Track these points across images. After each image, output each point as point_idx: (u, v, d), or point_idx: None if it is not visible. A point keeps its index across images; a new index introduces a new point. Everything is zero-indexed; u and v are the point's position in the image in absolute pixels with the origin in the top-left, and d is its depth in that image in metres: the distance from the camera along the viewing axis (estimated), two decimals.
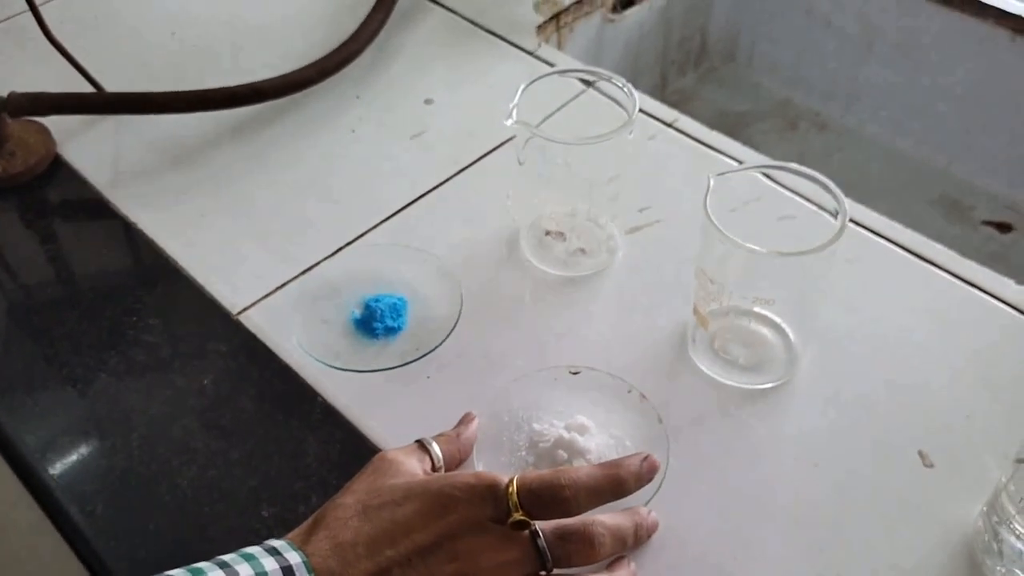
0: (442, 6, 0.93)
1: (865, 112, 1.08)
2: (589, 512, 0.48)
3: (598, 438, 0.55)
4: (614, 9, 1.00)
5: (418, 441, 0.53)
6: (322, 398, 0.59)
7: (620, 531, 0.48)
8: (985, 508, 0.50)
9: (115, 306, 0.67)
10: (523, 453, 0.56)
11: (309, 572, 0.43)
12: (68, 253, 0.72)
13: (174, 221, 0.72)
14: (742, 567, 0.51)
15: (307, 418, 0.58)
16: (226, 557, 0.43)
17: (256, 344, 0.63)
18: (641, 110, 0.78)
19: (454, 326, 0.63)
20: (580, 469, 0.48)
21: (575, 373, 0.59)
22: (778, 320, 0.61)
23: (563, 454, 0.54)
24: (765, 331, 0.61)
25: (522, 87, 0.62)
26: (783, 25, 1.11)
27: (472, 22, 0.91)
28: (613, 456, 0.55)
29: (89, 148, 0.79)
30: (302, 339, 0.62)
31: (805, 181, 0.56)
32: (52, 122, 0.79)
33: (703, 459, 0.56)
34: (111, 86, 0.81)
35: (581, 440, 0.55)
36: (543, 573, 0.46)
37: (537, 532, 0.46)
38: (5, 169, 0.75)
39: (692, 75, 1.18)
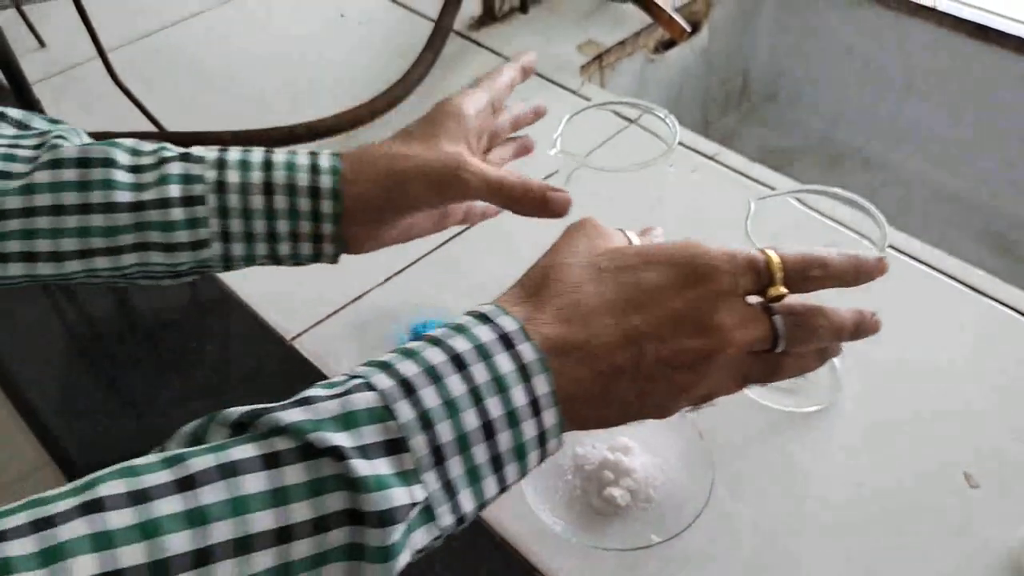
0: (488, 49, 0.96)
1: (908, 148, 1.09)
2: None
3: (642, 458, 0.56)
4: (656, 50, 1.02)
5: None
6: None
7: (839, 329, 0.44)
8: None
9: (175, 333, 0.69)
10: (569, 477, 0.57)
11: (527, 339, 0.38)
12: None
13: None
14: None
15: None
16: (436, 333, 0.38)
17: (309, 368, 0.65)
18: (683, 144, 0.80)
19: None
20: (826, 250, 0.43)
21: None
22: None
23: (609, 475, 0.55)
24: None
25: (566, 118, 0.64)
26: (824, 64, 1.12)
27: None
28: (658, 475, 0.56)
29: None
30: (354, 362, 0.64)
31: (845, 208, 0.57)
32: None
33: (746, 481, 0.56)
34: (172, 126, 0.85)
35: (626, 460, 0.55)
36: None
37: (776, 313, 0.42)
38: None
39: (734, 114, 1.20)
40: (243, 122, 0.80)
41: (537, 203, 0.55)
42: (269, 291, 0.71)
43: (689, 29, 0.94)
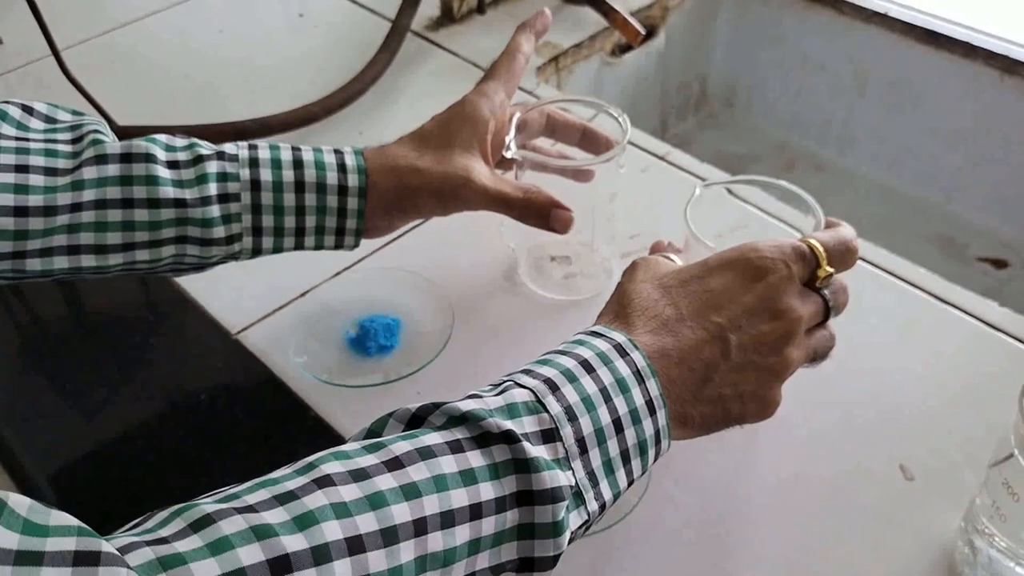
0: (445, 49, 0.96)
1: (860, 153, 1.10)
2: None
3: None
4: (612, 53, 1.03)
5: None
6: (314, 412, 0.61)
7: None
8: (963, 520, 0.51)
9: (123, 331, 0.69)
10: None
11: (636, 348, 0.42)
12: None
13: None
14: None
15: (299, 431, 0.60)
16: (559, 347, 0.43)
17: (252, 361, 0.64)
18: (635, 144, 0.80)
19: (444, 345, 0.64)
20: (843, 230, 0.51)
21: None
22: None
23: None
24: None
25: (517, 115, 0.64)
26: (779, 70, 1.14)
27: (474, 64, 0.94)
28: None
29: None
30: (297, 356, 0.64)
31: (792, 210, 0.58)
32: None
33: (685, 475, 0.56)
34: (125, 122, 0.85)
35: None
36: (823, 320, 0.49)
37: (823, 289, 0.48)
38: None
39: (692, 120, 1.21)
40: (199, 119, 0.80)
41: (538, 217, 0.60)
42: (217, 286, 0.71)
43: (644, 33, 0.95)
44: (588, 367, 0.41)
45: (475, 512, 0.35)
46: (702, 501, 0.55)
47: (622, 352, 0.42)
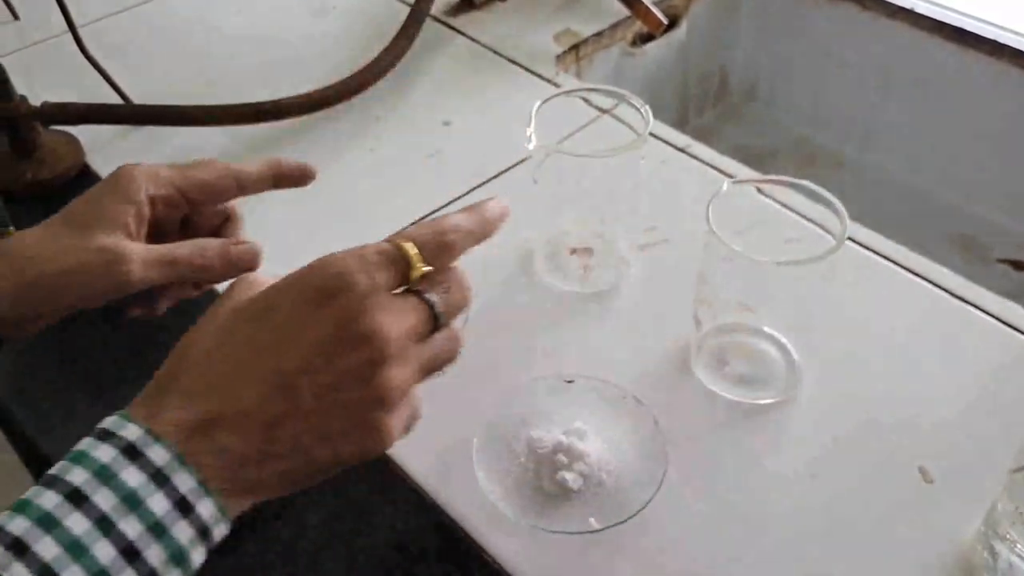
0: (464, 35, 0.96)
1: (882, 150, 1.09)
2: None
3: (596, 442, 0.56)
4: (633, 43, 1.02)
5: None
6: None
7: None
8: (983, 525, 0.50)
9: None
10: (523, 460, 0.56)
11: (157, 441, 0.36)
12: None
13: None
14: None
15: None
16: (53, 470, 0.36)
17: None
18: (655, 135, 0.79)
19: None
20: (450, 215, 0.43)
21: (569, 381, 0.60)
22: (781, 338, 0.61)
23: (563, 458, 0.55)
24: (768, 348, 0.62)
25: (538, 103, 0.63)
26: (802, 65, 1.12)
27: (493, 50, 0.93)
28: (612, 460, 0.55)
29: (116, 159, 0.81)
30: None
31: (813, 205, 0.57)
32: (83, 133, 0.82)
33: (700, 469, 0.56)
34: (141, 101, 0.84)
35: (580, 444, 0.55)
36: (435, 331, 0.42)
37: (425, 291, 0.41)
38: (34, 176, 0.78)
39: (712, 113, 1.20)
40: (215, 100, 0.79)
41: (222, 266, 0.53)
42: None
43: (666, 22, 0.94)
44: (78, 498, 0.34)
45: None
46: (716, 500, 0.54)
47: (133, 455, 0.35)
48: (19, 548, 0.33)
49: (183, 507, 0.35)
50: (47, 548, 0.33)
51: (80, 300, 0.51)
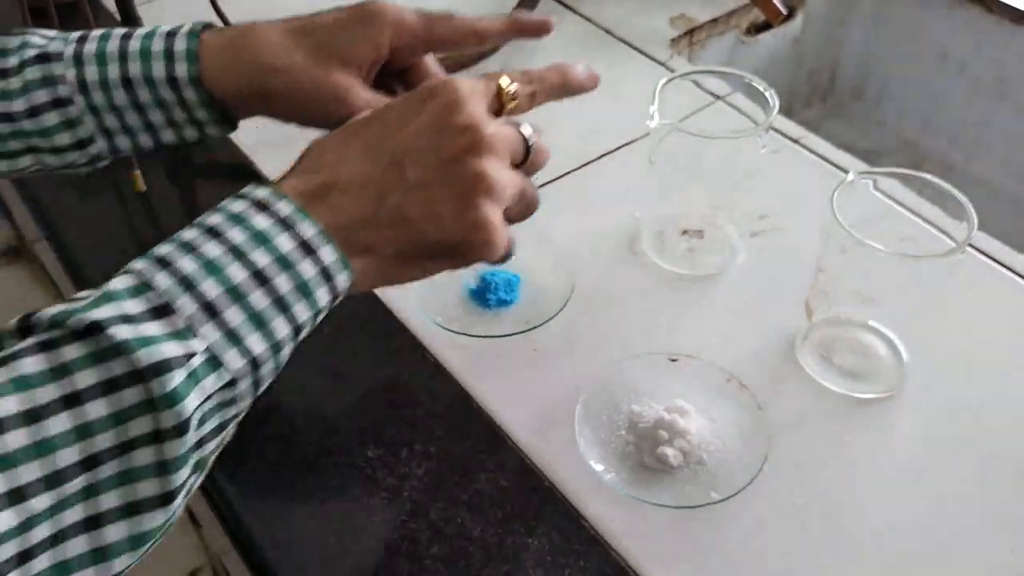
0: (579, 15, 0.96)
1: (993, 160, 1.06)
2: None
3: (698, 421, 0.56)
4: (748, 32, 1.01)
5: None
6: (433, 356, 0.62)
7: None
8: None
9: None
10: (623, 432, 0.57)
11: (282, 198, 0.40)
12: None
13: None
14: (830, 572, 0.51)
15: (417, 373, 0.61)
16: (197, 220, 0.41)
17: (376, 302, 0.65)
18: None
19: (564, 305, 0.64)
20: (539, 68, 0.50)
21: (674, 360, 0.60)
22: (890, 334, 0.61)
23: (664, 434, 0.55)
24: (876, 342, 0.61)
25: (663, 81, 0.64)
26: (916, 67, 1.10)
27: (607, 31, 0.93)
28: (713, 439, 0.56)
29: None
30: (419, 302, 0.65)
31: (930, 205, 0.56)
32: None
33: (799, 459, 0.56)
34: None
35: (681, 422, 0.56)
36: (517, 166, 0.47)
37: (522, 125, 0.46)
38: None
39: (818, 107, 1.18)
40: None
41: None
42: None
43: (786, 12, 0.93)
44: (213, 233, 0.39)
45: (71, 401, 0.34)
46: (814, 491, 0.54)
47: (261, 207, 0.40)
48: (163, 263, 0.38)
49: (306, 248, 0.40)
50: (187, 264, 0.38)
51: (298, 117, 0.54)
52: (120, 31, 0.52)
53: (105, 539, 0.35)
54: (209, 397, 0.37)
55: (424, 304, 0.64)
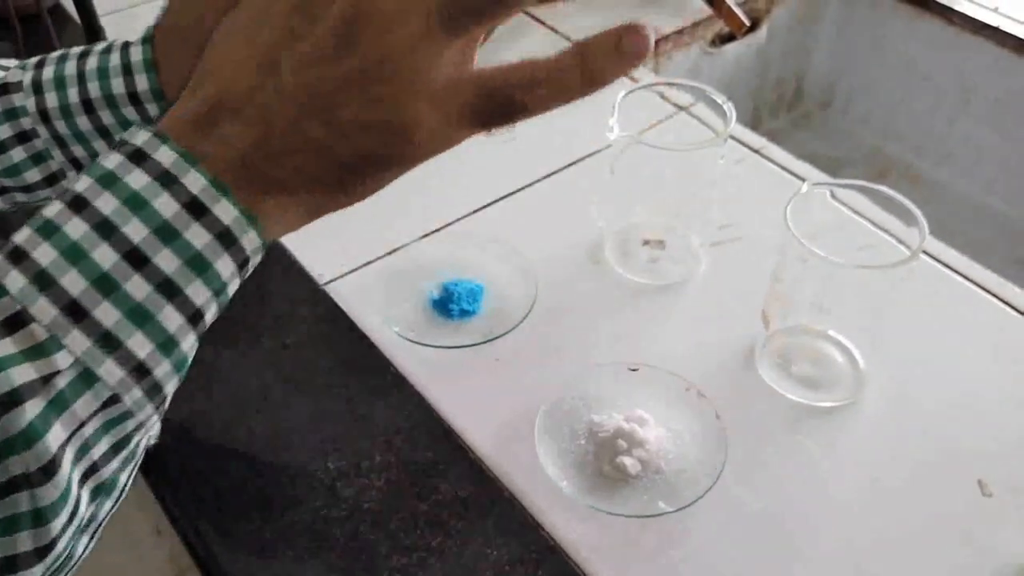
0: (545, 25, 0.96)
1: (957, 168, 1.08)
2: None
3: (656, 430, 0.56)
4: (713, 43, 1.02)
5: None
6: (394, 367, 0.62)
7: None
8: None
9: None
10: (583, 442, 0.57)
11: (163, 142, 0.31)
12: None
13: None
14: None
15: (379, 384, 0.61)
16: (79, 186, 0.31)
17: (338, 313, 0.66)
18: (732, 135, 0.80)
19: (526, 316, 0.65)
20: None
21: (633, 370, 0.61)
22: (847, 343, 0.62)
23: (622, 443, 0.56)
24: (834, 352, 0.62)
25: (622, 94, 0.64)
26: (881, 76, 1.12)
27: (572, 41, 0.93)
28: (671, 448, 0.56)
29: None
30: (382, 311, 0.65)
31: (886, 214, 0.57)
32: None
33: (757, 466, 0.56)
34: None
35: (640, 431, 0.56)
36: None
37: None
38: None
39: (785, 117, 1.19)
40: None
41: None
42: (307, 233, 0.72)
43: (748, 24, 0.93)
44: (80, 204, 0.31)
45: None
46: (771, 497, 0.55)
47: (139, 158, 0.31)
48: (16, 256, 0.30)
49: (194, 208, 0.31)
50: (43, 254, 0.30)
51: None
52: (78, 50, 0.48)
53: None
54: (85, 422, 0.31)
55: (386, 314, 0.65)
